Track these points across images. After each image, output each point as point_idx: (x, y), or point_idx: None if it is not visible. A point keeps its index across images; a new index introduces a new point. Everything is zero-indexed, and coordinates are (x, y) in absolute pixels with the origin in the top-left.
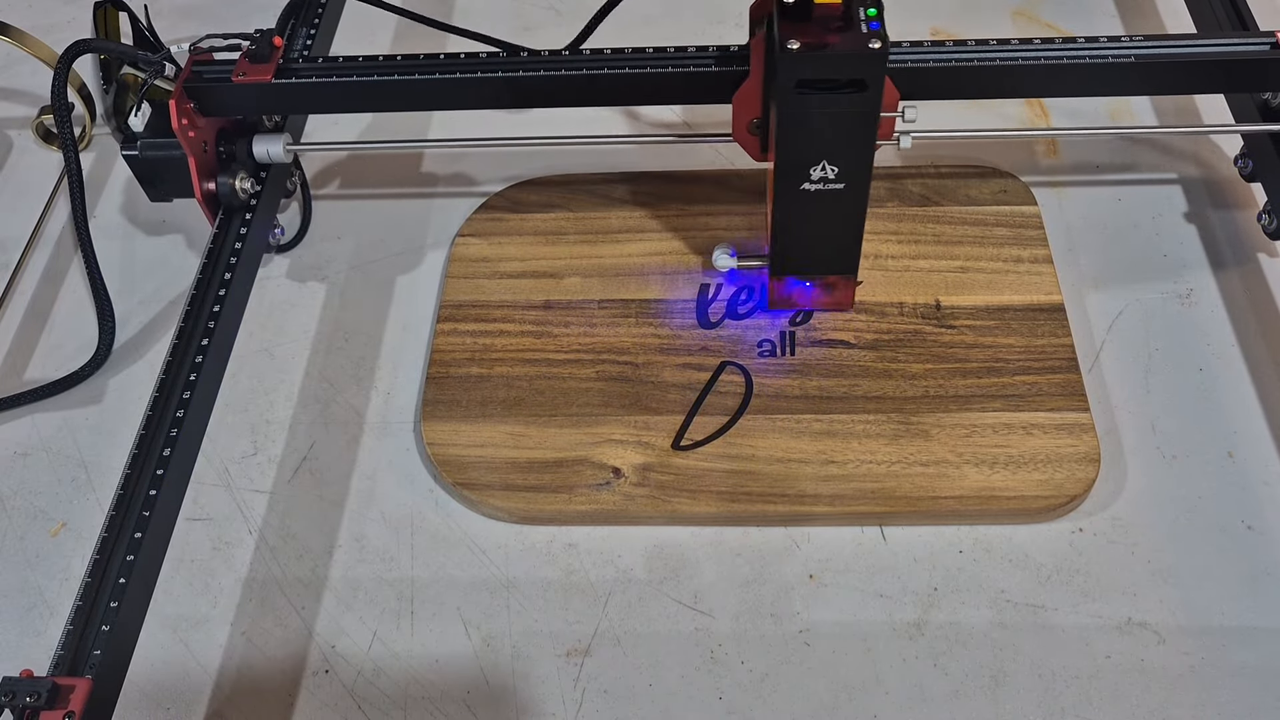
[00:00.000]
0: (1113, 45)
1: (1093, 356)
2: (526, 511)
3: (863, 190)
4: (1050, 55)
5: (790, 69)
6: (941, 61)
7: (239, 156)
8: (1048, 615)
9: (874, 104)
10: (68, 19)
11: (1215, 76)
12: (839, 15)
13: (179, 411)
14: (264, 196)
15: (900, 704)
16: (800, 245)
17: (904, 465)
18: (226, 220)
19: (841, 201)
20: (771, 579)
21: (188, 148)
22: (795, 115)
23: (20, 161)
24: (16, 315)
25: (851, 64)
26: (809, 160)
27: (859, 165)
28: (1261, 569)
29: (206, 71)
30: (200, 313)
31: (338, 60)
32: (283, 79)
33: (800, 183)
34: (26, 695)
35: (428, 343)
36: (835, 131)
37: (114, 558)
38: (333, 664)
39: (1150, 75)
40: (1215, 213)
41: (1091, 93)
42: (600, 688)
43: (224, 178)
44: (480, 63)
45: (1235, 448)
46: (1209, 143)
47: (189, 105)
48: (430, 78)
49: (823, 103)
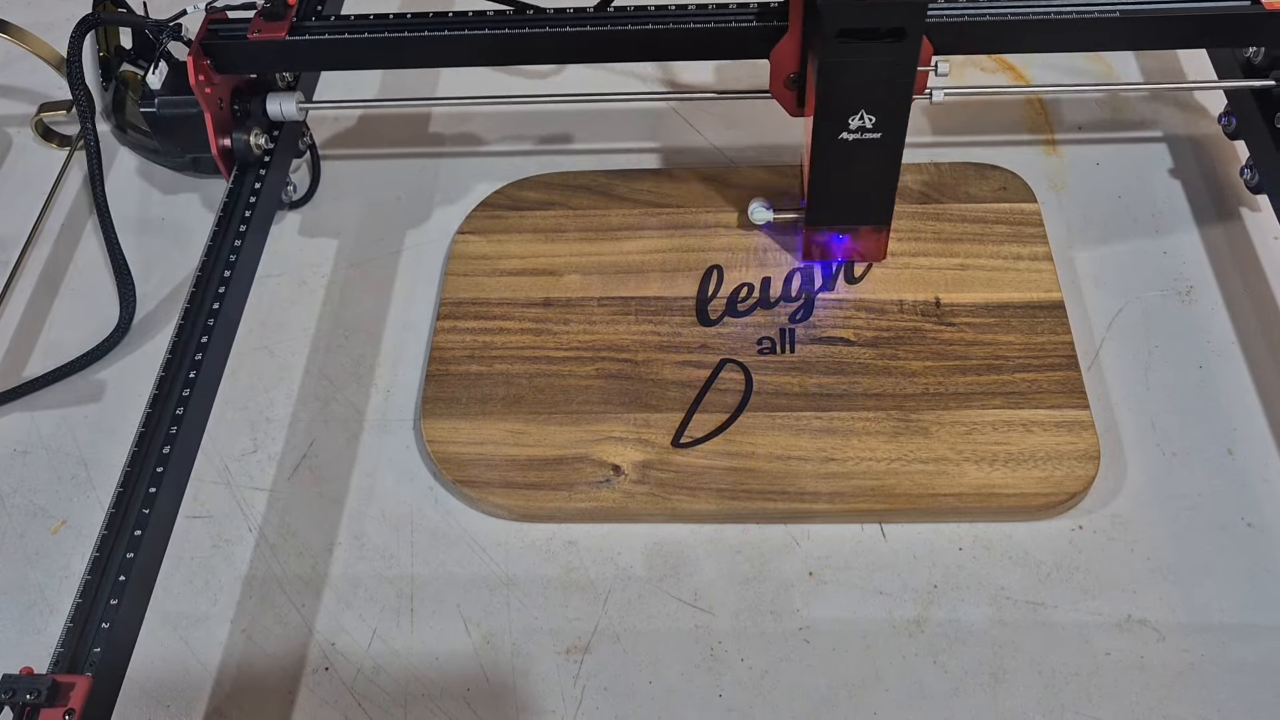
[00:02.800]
0: (1098, 1)
1: (1092, 354)
2: (526, 509)
3: (899, 140)
4: (1035, 10)
5: (833, 17)
6: (976, 16)
7: (253, 114)
8: (1047, 613)
9: (913, 53)
10: (67, 16)
11: (1198, 31)
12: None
13: (179, 409)
14: (277, 153)
15: (900, 701)
16: (836, 195)
17: (904, 463)
18: (241, 175)
19: (878, 151)
20: (771, 576)
21: (204, 104)
22: (836, 64)
23: (20, 159)
24: (16, 313)
25: (893, 12)
26: (848, 110)
27: (896, 115)
28: (1261, 566)
29: (222, 29)
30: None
31: (350, 18)
32: (296, 36)
33: (839, 132)
34: (26, 693)
35: (427, 340)
36: (874, 81)
37: (114, 555)
38: (333, 661)
39: (1135, 30)
40: (1215, 208)
41: (1078, 48)
42: (600, 685)
43: (239, 134)
44: (506, 19)
45: (1235, 445)
46: (1206, 135)
47: (205, 62)
48: (446, 34)
49: (863, 50)
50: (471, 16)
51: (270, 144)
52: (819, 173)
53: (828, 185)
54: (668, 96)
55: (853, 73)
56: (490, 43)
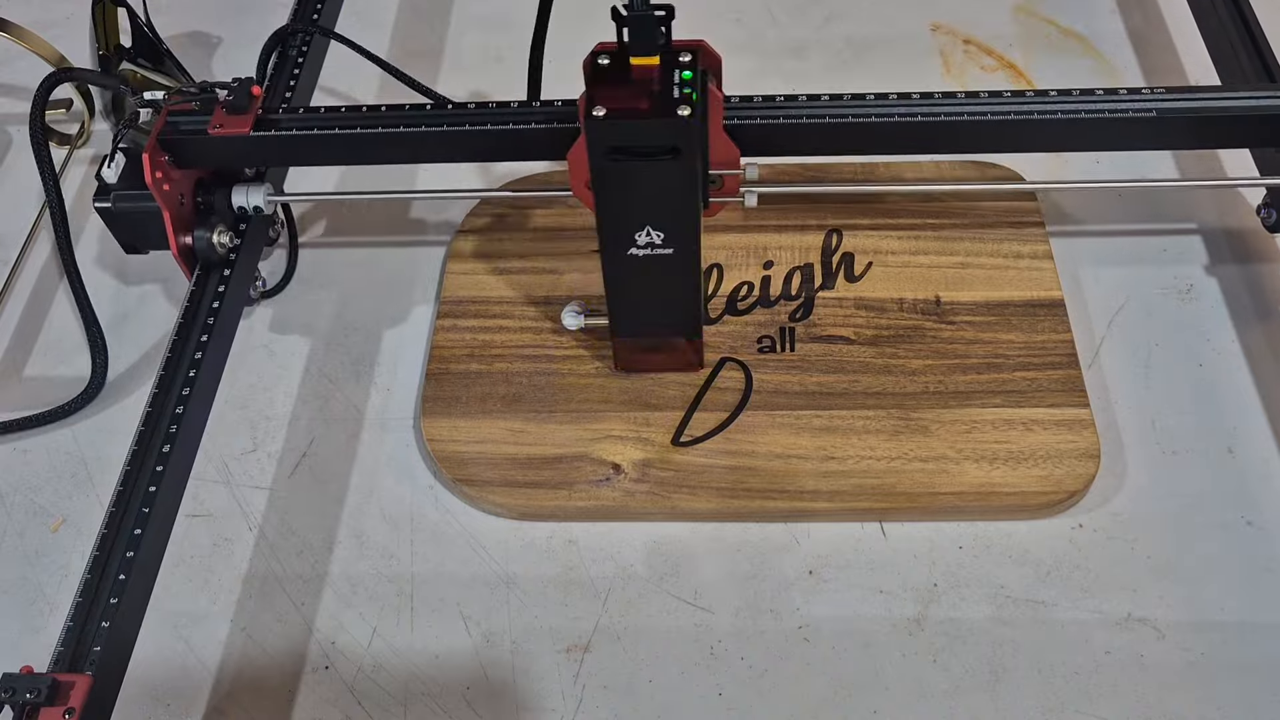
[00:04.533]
0: (1131, 99)
1: (1093, 352)
2: (526, 507)
3: (693, 254)
4: (1065, 110)
5: (598, 135)
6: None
7: (218, 207)
8: (1047, 611)
9: (691, 170)
10: (66, 15)
11: (1243, 132)
12: (656, 76)
13: (178, 407)
14: (244, 250)
15: (900, 700)
16: (636, 308)
17: (904, 461)
18: (204, 276)
19: (672, 265)
20: (771, 575)
21: (162, 202)
22: (611, 181)
23: (20, 158)
24: (16, 312)
25: (659, 132)
26: (632, 226)
27: (685, 229)
28: (1261, 564)
29: (183, 123)
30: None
31: (319, 111)
32: (262, 131)
33: (627, 248)
34: (26, 692)
35: (427, 339)
36: (656, 196)
37: (114, 554)
38: (333, 660)
39: (1169, 130)
40: (1215, 205)
41: (1109, 147)
42: (600, 683)
43: (201, 232)
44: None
45: (1235, 443)
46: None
47: (163, 158)
48: (416, 130)
49: (636, 170)
50: (450, 110)
51: (236, 240)
52: (613, 286)
53: (624, 299)
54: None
55: (629, 190)
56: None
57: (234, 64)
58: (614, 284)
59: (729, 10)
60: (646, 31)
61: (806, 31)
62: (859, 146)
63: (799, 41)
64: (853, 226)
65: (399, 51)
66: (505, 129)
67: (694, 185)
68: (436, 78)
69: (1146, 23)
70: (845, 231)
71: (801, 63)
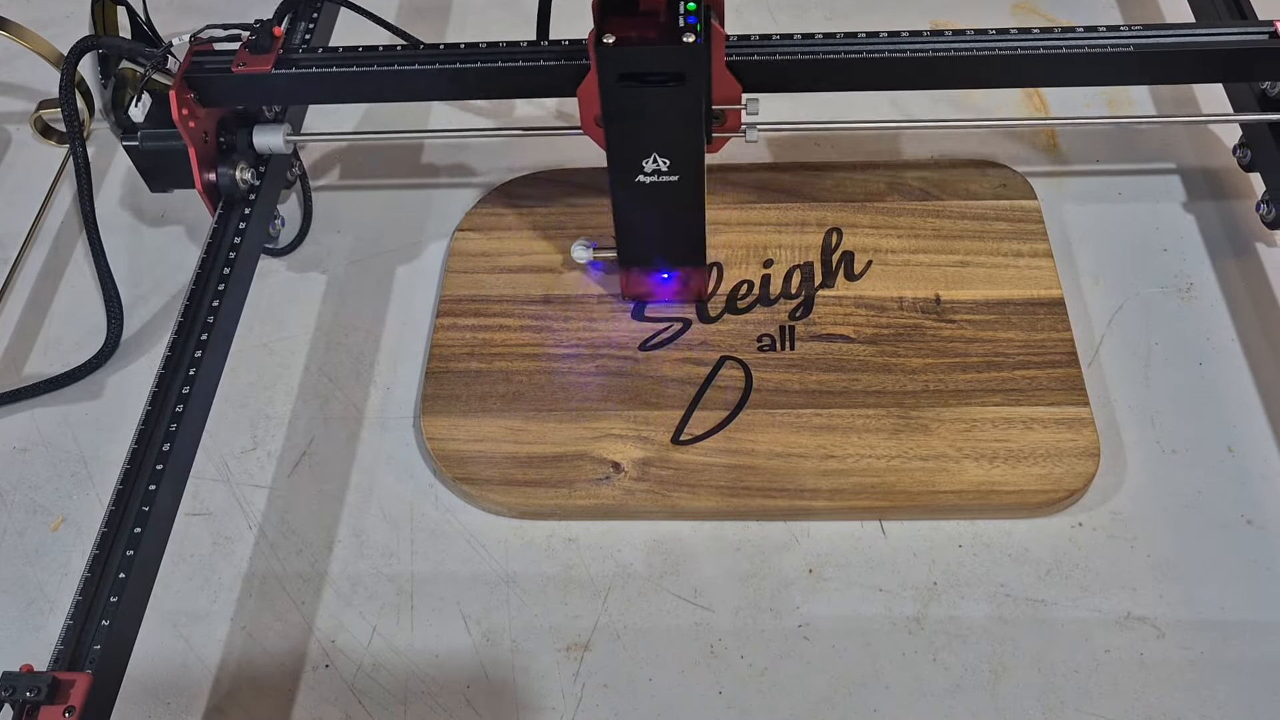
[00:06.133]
0: (1110, 35)
1: (1092, 351)
2: (526, 506)
3: (698, 182)
4: (1047, 45)
5: (610, 61)
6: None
7: (239, 147)
8: (1047, 610)
9: (696, 96)
10: (65, 13)
11: (1215, 66)
12: (662, 9)
13: (178, 406)
14: (264, 187)
15: (900, 698)
16: (643, 238)
17: (903, 460)
18: (227, 211)
19: (678, 193)
20: (771, 573)
21: (188, 138)
22: (620, 108)
23: (19, 157)
24: (15, 310)
25: (670, 57)
26: (640, 153)
27: (690, 157)
28: (1261, 563)
29: (207, 62)
30: (200, 305)
31: (338, 50)
32: (282, 69)
33: (634, 175)
34: (27, 690)
35: (427, 337)
36: (662, 124)
37: (114, 553)
38: (333, 659)
39: (1148, 65)
40: (1214, 203)
41: (1089, 82)
42: (600, 682)
43: (224, 168)
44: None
45: (1235, 442)
46: (1207, 132)
47: (189, 95)
48: (437, 67)
49: (645, 95)
50: (463, 49)
51: (257, 179)
52: (622, 215)
53: (632, 228)
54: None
55: (639, 117)
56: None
57: None
58: (622, 212)
59: (728, 8)
60: None
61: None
62: (852, 82)
63: None
64: (853, 225)
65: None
66: (515, 66)
67: (698, 113)
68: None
69: (1146, 19)
70: (845, 230)
71: None
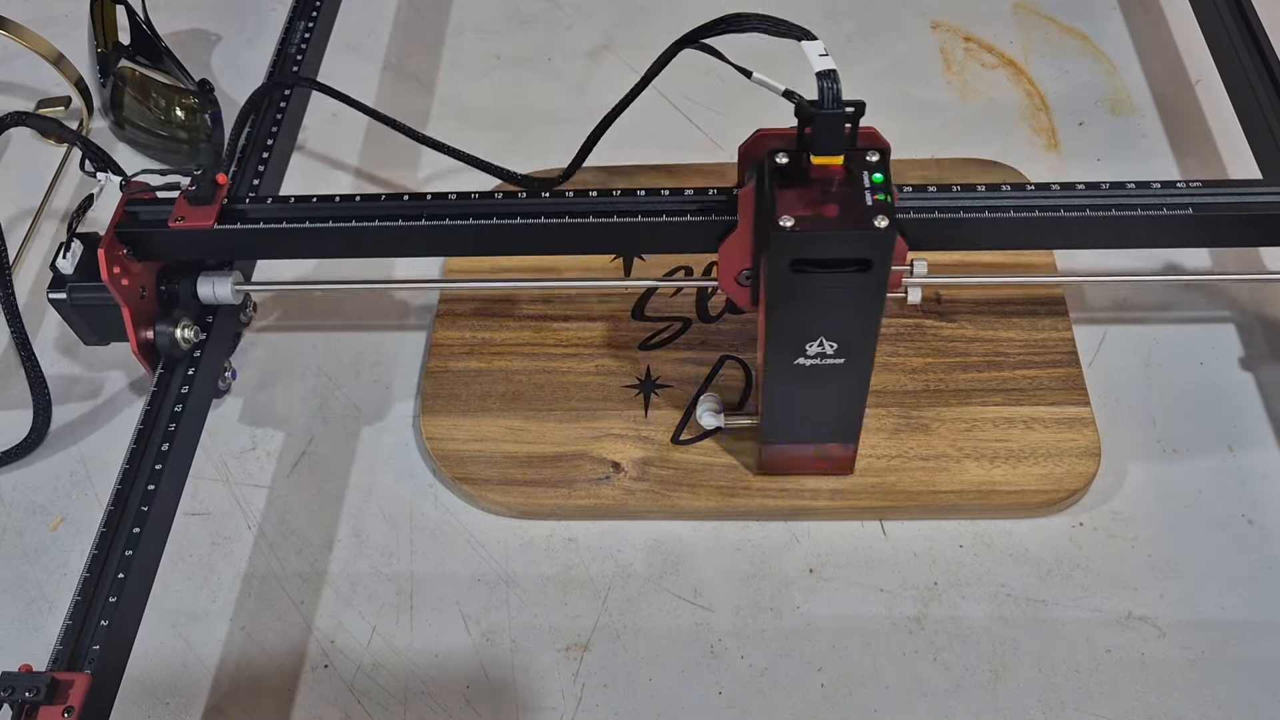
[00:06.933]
0: (1166, 193)
1: (1093, 350)
2: (526, 506)
3: (866, 364)
4: (1096, 204)
5: (783, 249)
6: (968, 212)
7: (183, 297)
8: (1048, 609)
9: (880, 282)
10: (65, 13)
11: None
12: (840, 178)
13: (177, 406)
14: (210, 342)
15: (900, 698)
16: (794, 417)
17: (904, 459)
18: (168, 373)
19: (841, 376)
20: (771, 573)
21: (120, 298)
22: (791, 297)
23: (18, 156)
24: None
25: (854, 244)
26: (806, 337)
27: (863, 340)
28: (1261, 563)
29: (142, 213)
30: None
31: (289, 200)
32: (226, 224)
33: (794, 358)
34: (26, 690)
35: (427, 337)
36: (836, 308)
37: (113, 553)
38: (332, 659)
39: (1208, 227)
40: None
41: (1137, 245)
42: (600, 682)
43: (164, 326)
44: (449, 206)
45: (1235, 442)
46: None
47: (121, 252)
48: (394, 224)
49: (823, 282)
50: (429, 201)
51: (201, 335)
52: (773, 395)
53: (784, 407)
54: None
55: (809, 299)
56: (444, 234)
57: (233, 62)
58: (775, 393)
59: (728, 6)
60: (836, 130)
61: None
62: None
63: None
64: None
65: (394, 57)
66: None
67: (880, 297)
68: (435, 79)
69: (1148, 20)
70: None
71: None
